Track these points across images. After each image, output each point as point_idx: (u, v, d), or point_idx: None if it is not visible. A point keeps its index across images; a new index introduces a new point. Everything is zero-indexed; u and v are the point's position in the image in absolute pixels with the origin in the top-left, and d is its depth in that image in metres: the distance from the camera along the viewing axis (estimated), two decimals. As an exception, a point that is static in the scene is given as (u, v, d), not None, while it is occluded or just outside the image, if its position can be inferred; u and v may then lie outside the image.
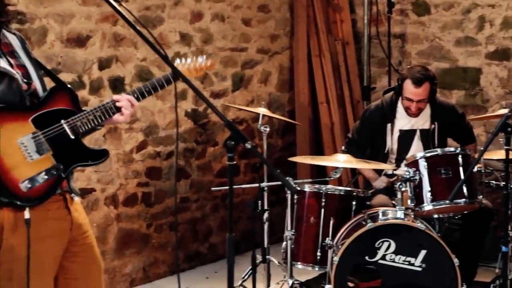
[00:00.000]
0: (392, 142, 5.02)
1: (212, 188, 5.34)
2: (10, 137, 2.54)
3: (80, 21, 5.05)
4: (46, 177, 2.55)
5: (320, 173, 6.41)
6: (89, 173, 5.16)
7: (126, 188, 5.41)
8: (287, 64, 6.60)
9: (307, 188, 4.66)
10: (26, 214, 2.51)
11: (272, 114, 5.43)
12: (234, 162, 2.73)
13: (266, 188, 4.71)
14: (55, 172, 2.58)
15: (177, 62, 2.96)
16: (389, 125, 5.00)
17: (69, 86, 2.81)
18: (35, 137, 2.60)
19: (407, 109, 4.93)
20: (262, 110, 4.96)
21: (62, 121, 2.68)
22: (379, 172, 5.06)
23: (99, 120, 2.78)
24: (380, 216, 4.37)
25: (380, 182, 5.00)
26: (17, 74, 2.63)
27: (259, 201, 4.60)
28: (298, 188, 4.67)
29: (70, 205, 2.75)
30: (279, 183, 4.48)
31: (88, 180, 5.16)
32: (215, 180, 6.00)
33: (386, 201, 4.73)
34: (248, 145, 2.66)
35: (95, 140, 5.17)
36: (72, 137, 2.70)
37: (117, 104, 2.84)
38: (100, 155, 2.81)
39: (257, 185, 4.68)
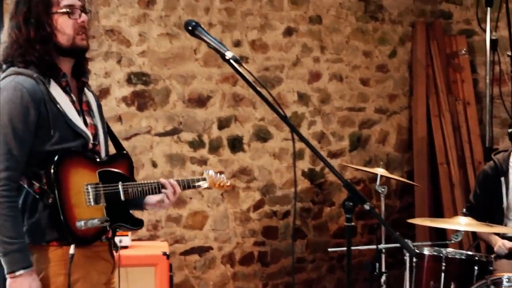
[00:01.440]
0: (509, 197, 4.85)
1: (329, 249, 5.27)
2: (79, 180, 2.81)
3: (201, 82, 5.18)
4: (96, 224, 2.79)
5: (440, 236, 6.23)
6: (206, 232, 5.22)
7: (243, 247, 5.43)
8: (406, 124, 6.52)
9: (426, 251, 4.53)
10: (71, 249, 2.75)
11: (390, 174, 5.34)
12: (352, 223, 2.69)
13: (384, 250, 4.62)
14: (103, 223, 2.82)
15: (206, 173, 3.35)
16: (502, 179, 4.85)
17: (129, 155, 3.07)
18: (97, 187, 2.85)
19: None
20: (380, 171, 4.90)
21: (120, 183, 2.93)
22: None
23: (145, 194, 3.03)
24: (505, 283, 4.19)
25: (501, 247, 4.80)
26: (90, 136, 2.89)
27: (377, 263, 4.50)
28: (417, 251, 4.54)
29: (113, 251, 3.02)
30: (397, 245, 4.40)
31: (205, 238, 5.22)
32: (331, 241, 5.94)
33: (511, 267, 4.53)
34: (366, 206, 2.62)
35: (213, 198, 5.25)
36: (123, 199, 2.93)
37: (163, 190, 3.08)
38: (138, 223, 3.05)
39: (374, 246, 4.60)
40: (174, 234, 5.14)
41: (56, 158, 2.74)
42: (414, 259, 4.51)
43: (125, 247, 4.29)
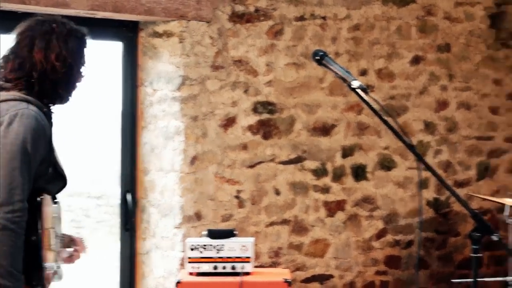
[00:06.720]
0: None
1: (453, 280, 5.17)
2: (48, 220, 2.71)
3: (326, 111, 5.23)
4: (55, 268, 2.73)
5: None
6: (328, 260, 5.23)
7: (364, 275, 5.40)
8: (537, 154, 6.31)
9: (557, 287, 4.38)
10: None
11: (519, 206, 5.19)
12: (479, 254, 2.65)
13: (511, 282, 4.50)
14: (59, 268, 2.79)
15: None
16: None
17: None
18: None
19: None
20: (509, 201, 4.78)
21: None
22: None
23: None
24: None
25: None
26: (66, 177, 2.79)
27: (504, 297, 4.39)
28: (548, 286, 4.39)
29: None
30: (526, 279, 4.28)
31: (326, 266, 5.23)
32: (456, 272, 5.81)
33: None
34: (494, 237, 2.59)
35: (335, 227, 5.26)
36: None
37: (73, 247, 2.92)
38: None
39: (502, 278, 4.49)
40: (296, 261, 5.18)
41: (41, 196, 2.62)
42: (544, 295, 4.36)
43: (247, 274, 4.35)
